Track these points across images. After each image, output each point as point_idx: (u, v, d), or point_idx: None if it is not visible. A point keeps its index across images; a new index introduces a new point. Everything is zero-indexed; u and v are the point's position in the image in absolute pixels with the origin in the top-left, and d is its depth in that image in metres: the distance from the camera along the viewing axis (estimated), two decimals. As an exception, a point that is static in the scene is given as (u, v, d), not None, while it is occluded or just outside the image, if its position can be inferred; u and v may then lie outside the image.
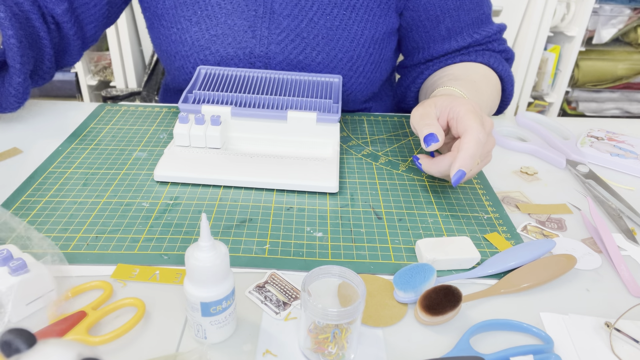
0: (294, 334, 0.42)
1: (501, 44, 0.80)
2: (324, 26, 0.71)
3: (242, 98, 0.67)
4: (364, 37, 0.73)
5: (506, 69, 0.79)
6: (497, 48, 0.79)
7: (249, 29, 0.72)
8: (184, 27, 0.73)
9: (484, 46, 0.79)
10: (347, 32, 0.72)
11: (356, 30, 0.73)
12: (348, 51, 0.73)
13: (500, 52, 0.80)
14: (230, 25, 0.72)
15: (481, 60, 0.77)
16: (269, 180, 0.60)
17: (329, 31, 0.72)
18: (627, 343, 0.43)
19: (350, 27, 0.72)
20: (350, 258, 0.50)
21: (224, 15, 0.72)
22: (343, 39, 0.72)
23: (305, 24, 0.71)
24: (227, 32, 0.72)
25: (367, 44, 0.74)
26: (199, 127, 0.63)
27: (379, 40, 0.75)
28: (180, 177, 0.60)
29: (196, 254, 0.37)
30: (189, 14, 0.72)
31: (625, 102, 2.05)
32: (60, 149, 0.67)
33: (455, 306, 0.43)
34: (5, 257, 0.42)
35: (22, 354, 0.25)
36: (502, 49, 0.80)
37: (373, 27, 0.74)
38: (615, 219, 0.59)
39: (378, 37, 0.75)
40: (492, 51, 0.79)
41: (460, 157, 0.54)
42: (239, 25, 0.72)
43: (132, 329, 0.41)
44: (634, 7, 1.86)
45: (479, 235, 0.55)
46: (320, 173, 0.61)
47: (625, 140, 0.76)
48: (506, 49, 0.81)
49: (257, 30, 0.72)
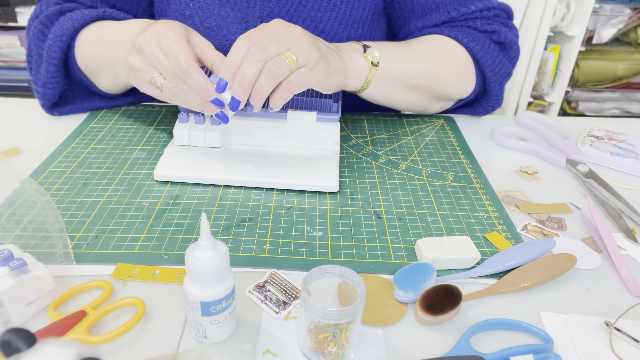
0: (294, 333, 0.42)
1: (489, 23, 0.72)
2: (312, 8, 0.71)
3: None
4: (352, 18, 0.73)
5: (485, 49, 0.71)
6: (482, 27, 0.72)
7: (242, 20, 0.72)
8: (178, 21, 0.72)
9: (464, 23, 0.73)
10: (336, 13, 0.72)
11: (344, 11, 0.72)
12: (337, 33, 0.73)
13: (485, 32, 0.73)
14: (223, 16, 0.72)
15: (448, 33, 0.71)
16: (269, 179, 0.60)
17: (317, 13, 0.71)
18: (627, 342, 0.43)
19: (338, 8, 0.72)
20: (350, 257, 0.50)
21: (216, 7, 0.71)
22: (332, 20, 0.72)
23: (294, 8, 0.71)
24: (220, 24, 0.72)
25: (355, 24, 0.74)
26: (199, 126, 0.63)
27: (367, 21, 0.75)
28: (180, 177, 0.60)
29: (196, 253, 0.37)
30: (182, 7, 0.72)
31: (625, 102, 2.05)
32: (60, 149, 0.67)
33: (455, 306, 0.43)
34: (6, 257, 0.42)
35: (22, 354, 0.25)
36: (490, 29, 0.72)
37: (361, 7, 0.73)
38: (615, 218, 0.59)
39: (366, 17, 0.74)
40: (473, 29, 0.73)
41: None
42: (232, 16, 0.72)
43: (132, 329, 0.41)
44: (634, 7, 1.86)
45: (479, 234, 0.55)
46: (320, 172, 0.61)
47: (625, 140, 0.76)
48: (495, 30, 0.72)
49: (250, 20, 0.72)
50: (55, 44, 0.67)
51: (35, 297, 0.42)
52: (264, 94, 0.51)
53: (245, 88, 0.51)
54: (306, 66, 0.53)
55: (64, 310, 0.43)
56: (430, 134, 0.76)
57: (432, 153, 0.70)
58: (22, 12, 1.78)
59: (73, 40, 0.68)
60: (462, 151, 0.71)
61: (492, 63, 0.72)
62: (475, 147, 0.73)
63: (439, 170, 0.66)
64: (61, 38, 0.67)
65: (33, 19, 0.72)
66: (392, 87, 0.69)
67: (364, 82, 0.65)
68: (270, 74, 0.50)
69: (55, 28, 0.68)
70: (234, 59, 0.51)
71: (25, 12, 1.78)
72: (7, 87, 1.87)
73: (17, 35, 1.78)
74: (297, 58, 0.51)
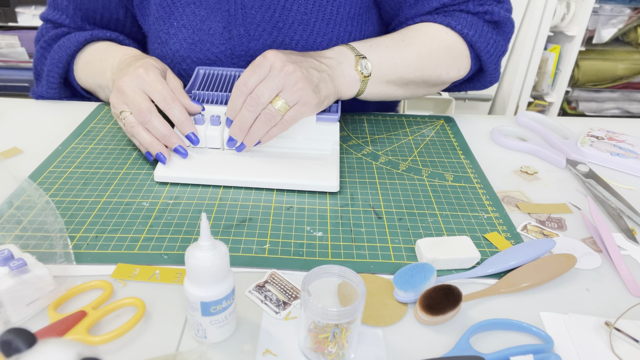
0: (294, 333, 0.42)
1: (481, 4, 0.72)
2: (298, 11, 0.70)
3: None
4: (340, 16, 0.72)
5: (479, 32, 0.71)
6: (474, 9, 0.72)
7: (225, 30, 0.72)
8: (163, 40, 0.74)
9: (456, 7, 0.72)
10: (322, 14, 0.71)
11: (331, 10, 0.71)
12: (326, 33, 0.72)
13: (478, 13, 0.72)
14: (206, 30, 0.72)
15: (440, 20, 0.71)
16: (269, 180, 0.60)
17: (303, 16, 0.71)
18: (627, 343, 0.43)
19: (324, 8, 0.71)
20: (350, 258, 0.50)
21: (199, 22, 0.72)
22: (319, 22, 0.71)
23: (279, 13, 0.70)
24: (204, 38, 0.72)
25: (344, 23, 0.72)
26: (199, 127, 0.63)
27: (356, 17, 0.73)
28: (180, 178, 0.60)
29: (196, 253, 0.37)
30: (166, 27, 0.73)
31: (625, 102, 2.05)
32: (60, 149, 0.67)
33: (455, 306, 0.43)
34: (6, 257, 0.42)
35: (22, 354, 0.25)
36: (482, 10, 0.72)
37: (348, 4, 0.72)
38: (615, 218, 0.59)
39: (355, 14, 0.73)
40: (466, 12, 0.72)
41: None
42: (215, 28, 0.72)
43: (132, 329, 0.41)
44: (634, 7, 1.86)
45: (479, 234, 0.55)
46: (320, 172, 0.61)
47: (625, 140, 0.76)
48: (488, 11, 0.72)
49: (234, 29, 0.71)
50: (53, 70, 0.76)
51: (35, 297, 0.42)
52: (258, 136, 0.59)
53: (243, 131, 0.59)
54: (298, 104, 0.58)
55: (64, 310, 0.43)
56: (430, 134, 0.76)
57: (432, 153, 0.70)
58: (22, 12, 1.78)
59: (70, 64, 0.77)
60: (462, 151, 0.71)
61: (487, 45, 0.72)
62: (475, 147, 0.73)
63: (439, 170, 0.66)
64: (57, 65, 0.75)
65: (36, 42, 0.80)
66: (385, 88, 0.69)
67: (356, 92, 0.66)
68: (264, 122, 0.58)
69: (52, 54, 0.76)
70: (234, 106, 0.59)
71: (25, 12, 1.78)
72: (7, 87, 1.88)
73: (17, 35, 1.78)
74: (289, 100, 0.57)
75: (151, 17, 0.75)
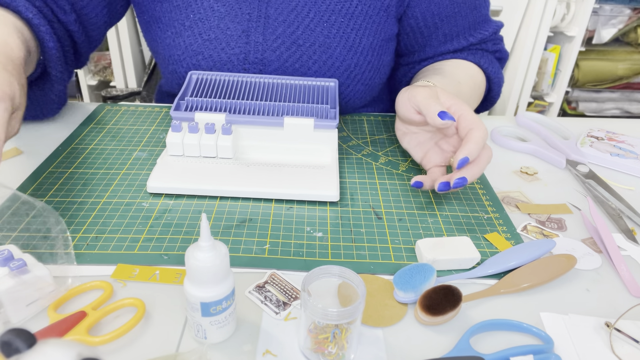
0: (294, 334, 0.42)
1: (496, 44, 0.81)
2: (321, 34, 0.70)
3: (236, 104, 0.65)
4: (362, 45, 0.72)
5: (496, 70, 0.79)
6: (491, 48, 0.80)
7: (243, 34, 0.71)
8: (177, 30, 0.72)
9: (478, 46, 0.79)
10: (345, 40, 0.71)
11: (354, 38, 0.71)
12: (345, 59, 0.72)
13: (494, 52, 0.81)
14: (223, 29, 0.71)
15: (472, 59, 0.77)
16: (267, 190, 0.58)
17: (325, 39, 0.71)
18: (627, 343, 0.43)
19: (348, 35, 0.71)
20: (350, 258, 0.50)
21: (216, 19, 0.71)
22: (340, 47, 0.71)
23: (301, 31, 0.70)
24: (220, 36, 0.71)
25: (365, 52, 0.73)
26: (193, 135, 0.61)
27: (377, 47, 0.74)
28: (174, 189, 0.58)
29: (196, 254, 0.37)
30: (182, 17, 0.72)
31: (625, 102, 2.05)
32: (60, 149, 0.67)
33: (455, 306, 0.43)
34: (6, 258, 0.42)
35: (22, 354, 0.25)
36: (496, 49, 0.81)
37: (371, 35, 0.72)
38: (615, 219, 0.59)
39: (376, 44, 0.74)
40: (485, 51, 0.80)
41: (467, 146, 0.54)
42: (232, 29, 0.71)
43: (132, 329, 0.41)
44: (634, 7, 1.86)
45: (479, 235, 0.55)
46: (320, 181, 0.59)
47: (625, 140, 0.76)
48: (499, 49, 0.81)
49: (252, 35, 0.70)
50: None
51: (35, 298, 0.42)
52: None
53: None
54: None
55: (64, 310, 0.43)
56: (430, 135, 0.76)
57: (432, 153, 0.70)
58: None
59: None
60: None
61: (499, 80, 0.81)
62: (475, 148, 0.73)
63: (439, 171, 0.66)
64: None
65: None
66: None
67: None
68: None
69: None
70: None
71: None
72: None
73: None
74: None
75: (167, 3, 0.73)
